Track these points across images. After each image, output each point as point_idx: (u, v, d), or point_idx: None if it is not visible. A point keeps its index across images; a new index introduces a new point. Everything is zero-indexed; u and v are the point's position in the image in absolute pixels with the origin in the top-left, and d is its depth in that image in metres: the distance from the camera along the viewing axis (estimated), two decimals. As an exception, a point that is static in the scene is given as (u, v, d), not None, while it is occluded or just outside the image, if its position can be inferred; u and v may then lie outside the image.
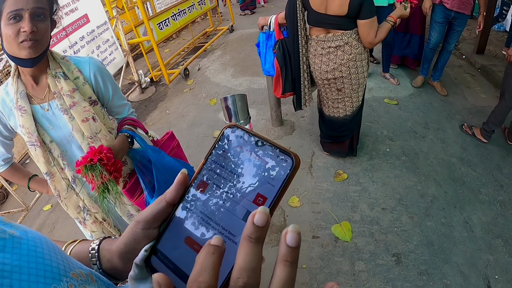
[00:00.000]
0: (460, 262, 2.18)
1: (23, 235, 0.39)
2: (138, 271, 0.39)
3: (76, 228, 2.97)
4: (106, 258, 0.49)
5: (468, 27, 5.54)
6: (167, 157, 1.54)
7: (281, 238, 0.30)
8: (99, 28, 4.10)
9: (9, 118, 1.31)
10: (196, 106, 4.57)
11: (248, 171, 0.37)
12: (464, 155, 3.05)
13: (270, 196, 0.35)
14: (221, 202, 0.37)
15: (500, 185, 2.71)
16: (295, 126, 3.76)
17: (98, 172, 1.25)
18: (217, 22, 7.75)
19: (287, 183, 0.35)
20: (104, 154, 1.27)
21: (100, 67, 1.42)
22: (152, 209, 0.40)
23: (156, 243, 0.39)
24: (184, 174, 0.40)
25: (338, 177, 2.95)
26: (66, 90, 1.30)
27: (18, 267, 0.35)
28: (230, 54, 6.10)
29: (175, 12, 5.55)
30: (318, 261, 2.28)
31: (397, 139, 3.34)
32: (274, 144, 0.37)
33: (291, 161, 0.35)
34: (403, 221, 2.49)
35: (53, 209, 3.31)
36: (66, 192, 1.42)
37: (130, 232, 0.42)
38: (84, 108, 1.33)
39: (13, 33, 1.09)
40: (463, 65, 4.77)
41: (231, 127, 0.40)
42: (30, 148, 1.32)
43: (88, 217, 1.49)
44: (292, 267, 0.29)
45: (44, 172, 1.37)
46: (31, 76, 1.28)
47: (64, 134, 1.36)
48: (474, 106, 3.77)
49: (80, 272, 0.42)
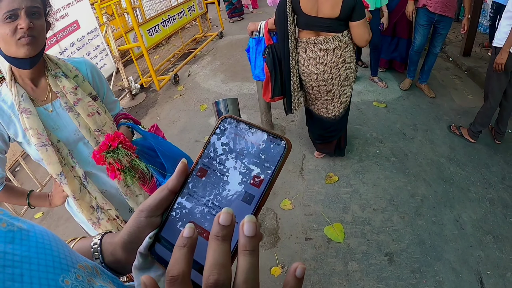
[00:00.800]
0: (452, 259, 2.21)
1: (30, 228, 0.40)
2: (142, 260, 0.40)
3: (67, 235, 2.96)
4: (108, 251, 0.49)
5: (454, 29, 5.65)
6: (164, 141, 1.59)
7: (239, 230, 0.32)
8: (89, 34, 4.10)
9: (8, 127, 1.28)
10: (187, 112, 4.57)
11: (244, 155, 0.39)
12: (453, 155, 3.10)
13: (266, 177, 0.37)
14: (221, 186, 0.39)
15: (488, 183, 2.75)
16: (285, 130, 3.78)
17: (122, 154, 1.27)
18: (206, 28, 7.77)
19: (281, 165, 0.37)
20: (123, 138, 1.30)
21: (94, 66, 1.48)
22: (154, 197, 0.41)
23: (159, 230, 0.41)
24: (184, 163, 0.41)
25: (329, 180, 2.97)
26: (68, 88, 1.31)
27: (28, 257, 0.36)
28: (220, 60, 6.12)
29: (165, 18, 5.56)
30: (312, 262, 2.29)
31: (386, 141, 3.38)
32: (267, 130, 0.39)
33: (283, 145, 0.38)
34: (394, 221, 2.51)
35: (44, 217, 3.27)
36: (79, 192, 1.39)
37: (133, 221, 0.43)
38: (88, 103, 1.34)
39: (10, 31, 1.09)
40: (450, 67, 4.86)
41: (227, 118, 0.42)
42: (40, 150, 1.27)
43: (102, 215, 1.46)
44: (252, 255, 0.31)
45: (57, 173, 1.31)
46: (30, 79, 1.28)
47: (70, 132, 1.36)
48: (461, 107, 3.83)
49: (86, 264, 0.43)
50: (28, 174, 3.23)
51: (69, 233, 2.98)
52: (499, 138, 3.16)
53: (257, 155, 0.38)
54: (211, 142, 0.41)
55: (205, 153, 0.41)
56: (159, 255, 0.39)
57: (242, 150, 0.39)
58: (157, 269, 0.40)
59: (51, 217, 3.24)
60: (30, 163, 3.20)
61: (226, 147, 0.40)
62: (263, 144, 0.39)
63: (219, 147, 0.41)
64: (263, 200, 0.37)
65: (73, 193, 1.36)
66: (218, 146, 0.41)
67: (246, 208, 0.37)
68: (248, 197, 0.37)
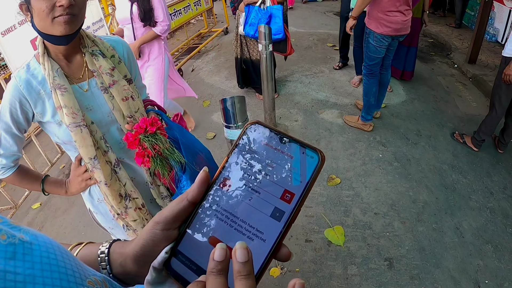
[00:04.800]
0: (451, 267, 2.21)
1: (34, 240, 0.35)
2: (155, 275, 0.38)
3: (64, 227, 2.96)
4: (117, 262, 0.46)
5: (460, 36, 5.64)
6: (187, 133, 1.53)
7: (232, 256, 0.32)
8: (94, 25, 4.06)
9: (35, 104, 1.16)
10: (189, 107, 4.54)
11: (273, 167, 0.37)
12: (455, 162, 3.10)
13: (298, 192, 0.35)
14: (247, 199, 0.36)
15: (490, 192, 2.76)
16: (288, 130, 3.77)
17: (159, 140, 1.22)
18: (211, 24, 7.73)
19: (314, 179, 0.35)
20: (161, 124, 1.25)
21: (129, 47, 1.39)
22: (172, 209, 0.39)
23: (176, 244, 0.38)
24: (206, 172, 0.39)
25: (331, 182, 2.97)
26: (105, 68, 1.22)
27: (32, 276, 0.31)
28: (225, 56, 6.09)
29: (171, 12, 5.52)
30: (311, 264, 2.29)
31: (389, 145, 3.37)
32: (299, 140, 0.37)
33: (317, 157, 0.36)
34: (395, 226, 2.51)
35: (42, 208, 3.26)
36: (110, 179, 1.29)
37: (148, 233, 0.40)
38: (124, 87, 1.26)
39: (47, 8, 0.98)
40: (455, 74, 4.85)
41: (253, 124, 0.39)
42: (74, 131, 1.16)
43: (130, 204, 1.37)
44: (247, 279, 0.31)
45: (91, 156, 1.22)
46: (63, 54, 1.18)
47: (104, 114, 1.27)
48: (465, 114, 3.83)
49: (95, 279, 0.39)
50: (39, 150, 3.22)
51: (66, 225, 2.97)
52: (502, 148, 3.16)
53: (288, 167, 0.36)
54: (237, 150, 0.39)
55: (230, 162, 0.39)
56: (175, 270, 0.37)
57: (272, 161, 0.37)
58: (171, 284, 0.38)
59: (48, 208, 3.22)
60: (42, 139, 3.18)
61: (254, 157, 0.38)
62: (295, 156, 0.36)
63: (245, 157, 0.38)
64: (293, 217, 0.35)
65: (105, 179, 1.27)
66: (244, 155, 0.38)
67: (275, 225, 0.35)
68: (278, 213, 0.35)
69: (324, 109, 4.08)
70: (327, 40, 6.27)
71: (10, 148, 1.21)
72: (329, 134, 3.60)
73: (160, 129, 1.25)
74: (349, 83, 4.62)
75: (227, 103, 1.96)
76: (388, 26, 2.89)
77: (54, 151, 3.49)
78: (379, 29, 2.93)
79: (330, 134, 3.60)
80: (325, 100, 4.27)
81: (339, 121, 3.79)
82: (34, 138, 3.20)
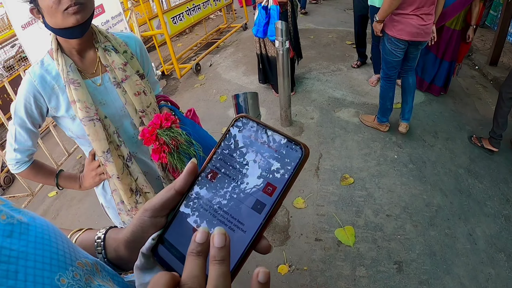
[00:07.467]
0: (462, 274, 2.18)
1: (31, 222, 0.38)
2: (144, 261, 0.39)
3: (79, 216, 3.04)
4: (112, 247, 0.49)
5: (482, 37, 5.50)
6: (200, 128, 1.55)
7: (210, 242, 0.33)
8: (113, 19, 4.13)
9: (49, 99, 1.19)
10: (206, 102, 4.59)
11: (257, 160, 0.37)
12: (472, 167, 3.04)
13: (280, 185, 0.36)
14: (231, 191, 0.38)
15: (506, 199, 2.69)
16: (304, 127, 3.76)
17: (177, 133, 1.23)
18: (230, 19, 7.74)
19: (296, 173, 0.36)
20: (175, 119, 1.27)
21: (142, 43, 1.41)
22: (160, 197, 0.40)
23: (163, 232, 0.40)
24: (194, 163, 0.40)
25: (344, 181, 2.96)
26: (118, 63, 1.24)
27: (25, 253, 0.34)
28: (243, 52, 6.10)
29: (190, 7, 5.57)
30: (320, 263, 2.29)
31: (405, 146, 3.33)
32: (284, 134, 0.38)
33: (300, 151, 0.36)
34: (407, 229, 2.49)
35: (58, 196, 3.36)
36: (122, 173, 1.31)
37: (137, 220, 0.42)
38: (136, 82, 1.28)
39: (53, 3, 1.00)
40: (476, 76, 4.73)
41: (241, 118, 0.40)
42: (88, 125, 1.18)
43: (141, 199, 1.38)
44: (221, 264, 0.32)
45: (104, 150, 1.24)
46: (77, 50, 1.20)
47: (117, 109, 1.29)
48: (484, 117, 3.73)
49: (86, 261, 0.42)
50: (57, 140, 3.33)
51: (81, 214, 3.06)
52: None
53: (272, 160, 0.37)
54: (224, 143, 0.40)
55: (217, 154, 0.40)
56: (161, 257, 0.39)
57: (256, 154, 0.38)
58: (159, 270, 0.39)
59: (64, 197, 3.32)
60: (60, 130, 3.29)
61: (239, 150, 0.39)
62: (279, 149, 0.37)
63: (231, 149, 0.39)
64: (274, 210, 0.36)
65: (117, 173, 1.29)
66: (230, 148, 0.39)
67: (256, 217, 0.36)
68: (259, 206, 0.36)
69: (340, 107, 4.05)
70: (346, 37, 6.20)
71: (25, 143, 1.24)
72: (345, 133, 3.57)
73: (175, 123, 1.26)
74: (366, 82, 4.58)
75: (239, 99, 1.97)
76: (402, 29, 2.83)
77: (71, 141, 3.55)
78: (392, 31, 2.88)
79: (346, 133, 3.58)
80: (342, 99, 4.24)
81: (355, 120, 3.77)
82: (52, 128, 3.29)
